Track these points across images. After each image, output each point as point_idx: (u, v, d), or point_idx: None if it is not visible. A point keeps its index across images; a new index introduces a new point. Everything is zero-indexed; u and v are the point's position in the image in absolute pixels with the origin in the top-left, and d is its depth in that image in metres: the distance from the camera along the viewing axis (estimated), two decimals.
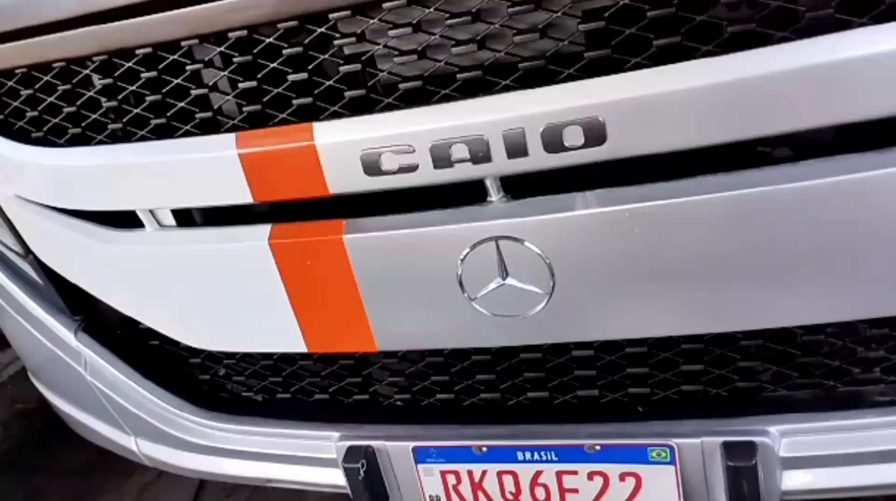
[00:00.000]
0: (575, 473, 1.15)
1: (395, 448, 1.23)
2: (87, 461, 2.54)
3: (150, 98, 1.12)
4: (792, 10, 0.86)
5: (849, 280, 0.95)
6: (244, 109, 1.08)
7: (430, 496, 1.25)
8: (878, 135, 0.91)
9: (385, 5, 0.95)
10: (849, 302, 0.98)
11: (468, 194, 1.04)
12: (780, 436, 1.07)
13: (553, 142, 0.93)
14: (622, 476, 1.12)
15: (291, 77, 1.04)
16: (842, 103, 0.86)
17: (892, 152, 0.90)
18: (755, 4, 0.88)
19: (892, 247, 0.92)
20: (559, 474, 1.16)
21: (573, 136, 0.93)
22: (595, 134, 0.92)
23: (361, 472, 1.23)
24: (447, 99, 0.98)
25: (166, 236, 1.21)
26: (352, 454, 1.24)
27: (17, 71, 1.19)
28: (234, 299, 1.21)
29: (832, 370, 1.10)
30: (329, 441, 1.29)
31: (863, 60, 0.84)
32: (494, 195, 1.03)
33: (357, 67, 1.01)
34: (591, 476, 1.14)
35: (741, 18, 0.88)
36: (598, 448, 1.12)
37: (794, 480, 1.09)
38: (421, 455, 1.21)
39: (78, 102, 1.18)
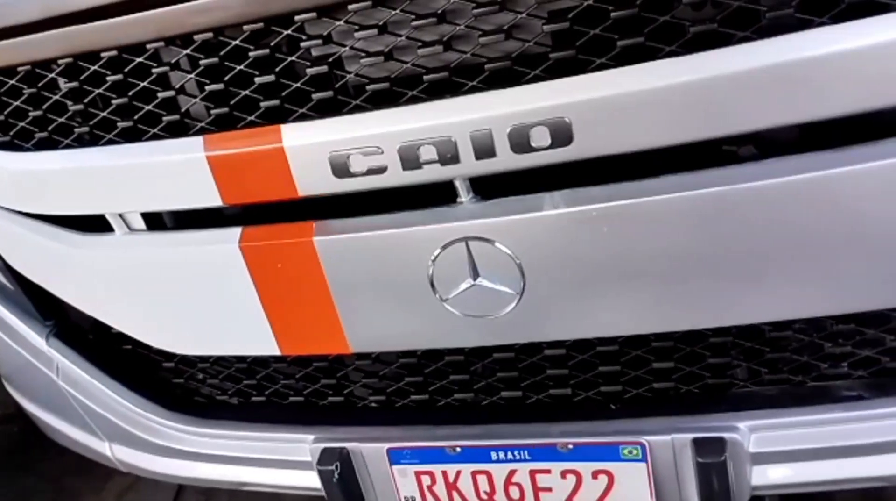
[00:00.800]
0: (548, 472, 1.15)
1: (370, 450, 1.23)
2: (66, 466, 2.52)
3: (116, 101, 1.11)
4: (753, 11, 0.87)
5: (815, 277, 0.96)
6: (212, 111, 1.07)
7: (405, 497, 1.25)
8: (841, 133, 0.92)
9: (351, 7, 0.95)
10: (816, 299, 0.99)
11: (440, 195, 1.04)
12: (750, 432, 1.08)
13: (520, 142, 0.94)
14: (595, 474, 1.13)
15: (259, 79, 1.03)
16: (804, 102, 0.87)
17: (854, 150, 0.91)
18: (717, 5, 0.89)
19: (857, 244, 0.94)
20: (532, 473, 1.16)
21: (540, 136, 0.93)
22: (562, 134, 0.92)
23: (336, 474, 1.23)
24: (415, 100, 0.98)
25: (136, 240, 1.20)
26: (326, 456, 1.24)
27: None
28: (206, 303, 1.20)
29: (800, 366, 1.11)
30: (303, 444, 1.29)
31: (824, 59, 0.85)
32: (464, 196, 1.03)
33: (324, 69, 1.01)
34: (564, 474, 1.14)
35: (704, 19, 0.88)
36: (570, 446, 1.12)
37: (763, 475, 1.10)
38: (395, 457, 1.21)
39: (44, 106, 1.16)
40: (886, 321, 1.06)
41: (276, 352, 1.21)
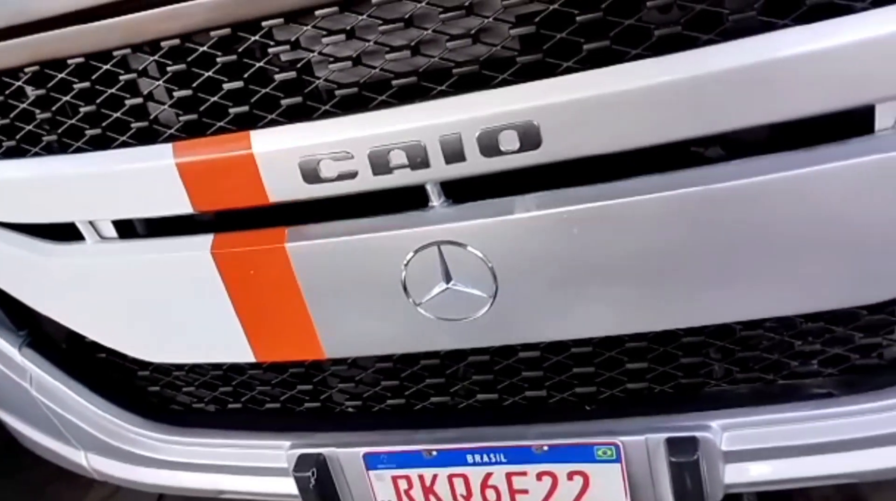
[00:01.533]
0: (524, 474, 1.15)
1: (346, 455, 1.23)
2: (45, 475, 2.48)
3: (85, 109, 1.10)
4: (717, 14, 0.88)
5: (785, 276, 0.97)
6: (181, 118, 1.06)
7: None
8: (808, 134, 0.93)
9: (318, 12, 0.95)
10: (785, 297, 1.00)
11: (413, 200, 1.04)
12: (722, 431, 1.09)
13: (489, 146, 0.94)
14: (570, 475, 1.13)
15: (228, 85, 1.03)
16: (769, 103, 0.88)
17: (820, 150, 0.92)
18: (682, 8, 0.89)
19: (825, 242, 0.95)
20: (508, 475, 1.16)
21: (509, 140, 0.93)
22: (530, 138, 0.92)
23: (312, 480, 1.22)
24: (384, 105, 0.98)
25: (108, 248, 1.19)
26: (302, 462, 1.23)
27: None
28: (180, 310, 1.19)
29: (771, 364, 1.12)
30: (280, 450, 1.28)
31: (788, 61, 0.86)
32: (435, 200, 1.03)
33: (293, 74, 1.00)
34: (539, 476, 1.15)
35: (668, 22, 0.89)
36: (545, 448, 1.13)
37: (736, 473, 1.11)
38: (372, 462, 1.21)
39: (11, 115, 1.15)
40: (855, 318, 1.07)
41: (251, 359, 1.20)
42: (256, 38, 0.99)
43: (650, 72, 0.88)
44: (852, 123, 0.92)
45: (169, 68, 1.04)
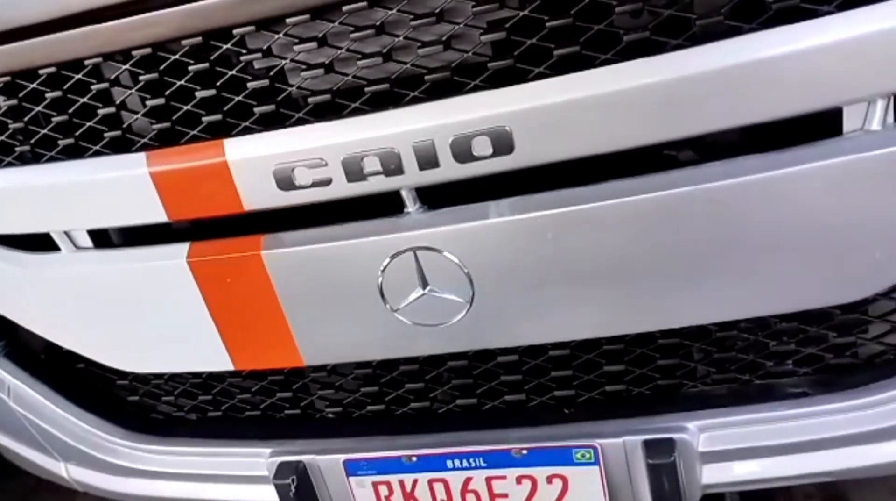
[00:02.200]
0: (504, 478, 1.16)
1: (327, 462, 1.23)
2: (30, 485, 2.47)
3: (57, 119, 1.09)
4: (685, 19, 0.89)
5: (759, 277, 0.98)
6: (154, 126, 1.06)
7: None
8: (778, 136, 0.94)
9: (289, 20, 0.95)
10: (759, 298, 1.01)
11: (389, 206, 1.04)
12: (699, 432, 1.10)
13: (463, 152, 0.94)
14: (549, 479, 1.14)
15: (201, 94, 1.03)
16: (739, 106, 0.89)
17: (791, 152, 0.93)
18: (650, 14, 0.90)
19: (798, 244, 0.95)
20: (488, 479, 1.17)
21: (482, 146, 0.94)
22: (503, 143, 0.93)
23: (293, 488, 1.22)
24: (357, 112, 0.98)
25: (83, 258, 1.19)
26: (283, 470, 1.23)
27: None
28: (157, 320, 1.19)
29: (747, 365, 1.13)
30: (260, 458, 1.28)
31: (756, 65, 0.86)
32: (411, 206, 1.03)
33: (266, 82, 1.00)
34: (519, 479, 1.15)
35: (637, 27, 0.90)
36: (524, 452, 1.13)
37: (714, 473, 1.11)
38: (352, 468, 1.21)
39: None
40: (829, 318, 1.08)
41: (229, 367, 1.20)
42: (228, 46, 0.99)
43: (620, 77, 0.88)
44: (822, 126, 0.93)
45: (141, 77, 1.04)
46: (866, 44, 0.85)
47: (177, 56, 1.01)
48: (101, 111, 1.08)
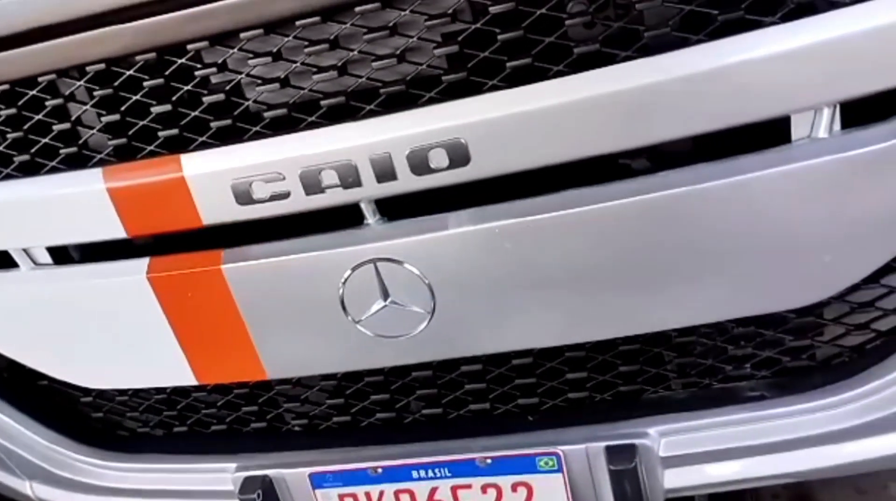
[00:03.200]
0: (469, 487, 1.16)
1: (292, 476, 1.22)
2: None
3: (12, 135, 1.09)
4: (634, 31, 0.90)
5: (715, 283, 1.00)
6: (111, 142, 1.06)
7: None
8: (730, 144, 0.95)
9: (243, 35, 0.95)
10: (715, 304, 1.02)
11: (350, 218, 1.04)
12: (660, 437, 1.11)
13: (419, 164, 0.95)
14: (514, 487, 1.14)
15: (157, 109, 1.03)
16: (691, 116, 0.90)
17: (742, 160, 0.94)
18: (600, 26, 0.91)
19: (751, 250, 0.97)
20: (454, 489, 1.17)
21: (438, 158, 0.94)
22: (459, 155, 0.94)
23: None
24: (314, 126, 0.99)
25: (43, 275, 1.17)
26: (248, 484, 1.23)
27: None
28: (118, 335, 1.18)
29: (706, 369, 1.14)
30: (226, 473, 1.27)
31: (705, 75, 0.88)
32: (370, 218, 1.04)
33: (222, 97, 1.00)
34: (484, 488, 1.16)
35: (588, 39, 0.91)
36: (488, 460, 1.14)
37: (675, 478, 1.12)
38: (318, 481, 1.21)
39: None
40: (784, 322, 1.09)
41: (193, 382, 1.19)
42: (183, 61, 0.99)
43: (571, 88, 0.89)
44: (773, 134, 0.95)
45: (96, 93, 1.03)
46: (812, 54, 0.86)
47: (131, 72, 1.01)
48: (56, 127, 1.07)
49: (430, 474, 1.16)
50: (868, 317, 1.08)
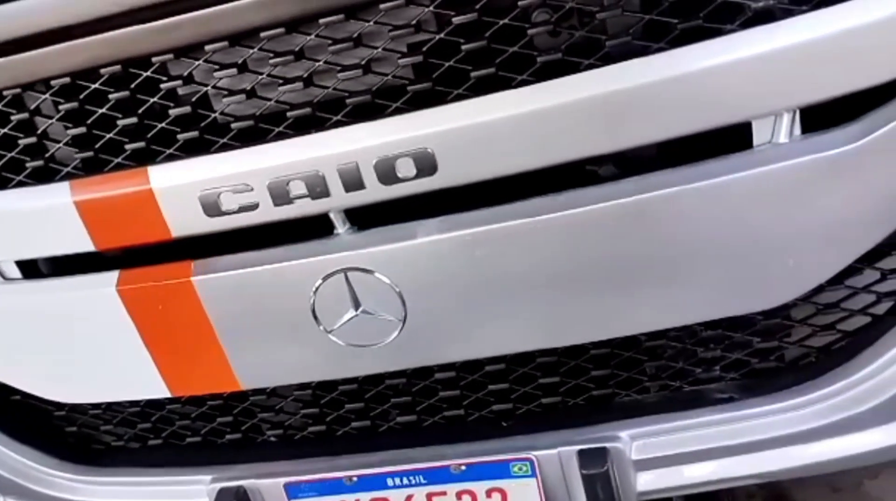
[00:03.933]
0: (444, 493, 1.16)
1: (267, 486, 1.22)
2: None
3: None
4: (596, 39, 0.91)
5: (682, 288, 1.01)
6: (77, 156, 1.05)
7: None
8: (697, 149, 0.97)
9: (208, 48, 0.95)
10: (684, 308, 1.03)
11: (320, 227, 1.05)
12: (631, 440, 1.12)
13: (387, 174, 0.95)
14: (489, 493, 1.15)
15: (123, 122, 1.02)
16: (654, 123, 0.92)
17: (709, 165, 0.95)
18: (563, 35, 0.92)
19: (716, 254, 0.98)
20: (429, 496, 1.17)
21: (405, 167, 0.95)
22: (426, 164, 0.94)
23: None
24: (281, 136, 0.99)
25: (12, 289, 1.17)
26: (223, 496, 1.22)
27: None
28: (90, 349, 1.17)
29: (676, 372, 1.15)
30: (201, 485, 1.27)
31: (668, 82, 0.89)
32: (340, 228, 1.04)
33: (188, 109, 1.00)
34: (459, 495, 1.16)
35: (551, 48, 0.92)
36: (463, 467, 1.14)
37: (647, 481, 1.13)
38: (293, 491, 1.21)
39: None
40: (752, 324, 1.11)
41: (166, 394, 1.19)
42: (149, 73, 0.99)
43: (534, 97, 0.90)
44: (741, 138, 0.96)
45: (62, 106, 1.03)
46: (771, 60, 0.88)
47: (97, 85, 1.00)
48: (23, 141, 1.07)
49: (405, 482, 1.17)
50: (833, 318, 1.09)
